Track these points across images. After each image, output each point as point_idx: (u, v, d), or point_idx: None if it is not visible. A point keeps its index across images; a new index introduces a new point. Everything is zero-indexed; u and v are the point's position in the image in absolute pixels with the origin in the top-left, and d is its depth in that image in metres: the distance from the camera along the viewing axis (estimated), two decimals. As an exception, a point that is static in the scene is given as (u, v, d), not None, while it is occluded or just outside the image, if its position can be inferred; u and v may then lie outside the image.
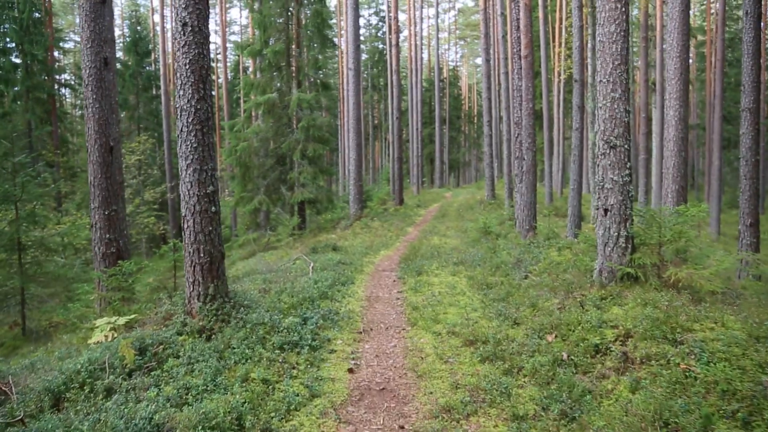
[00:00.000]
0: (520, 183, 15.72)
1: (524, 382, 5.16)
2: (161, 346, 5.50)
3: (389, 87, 40.12)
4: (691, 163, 50.20)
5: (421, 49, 46.55)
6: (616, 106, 7.09)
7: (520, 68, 15.21)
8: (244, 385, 4.84)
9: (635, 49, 37.68)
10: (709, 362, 4.71)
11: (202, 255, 6.22)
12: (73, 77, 40.90)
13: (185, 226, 6.24)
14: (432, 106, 55.24)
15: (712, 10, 40.09)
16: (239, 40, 55.78)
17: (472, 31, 75.38)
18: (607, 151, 7.14)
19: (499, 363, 5.52)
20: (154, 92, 37.56)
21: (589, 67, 20.00)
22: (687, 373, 4.68)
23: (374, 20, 58.72)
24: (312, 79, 26.45)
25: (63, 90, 40.49)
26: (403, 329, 7.04)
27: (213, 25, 64.58)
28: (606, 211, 7.21)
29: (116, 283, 7.45)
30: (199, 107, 6.10)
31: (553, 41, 36.77)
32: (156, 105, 36.35)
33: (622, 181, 7.12)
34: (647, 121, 28.30)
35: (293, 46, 23.51)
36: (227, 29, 52.49)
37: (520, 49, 14.93)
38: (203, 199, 6.17)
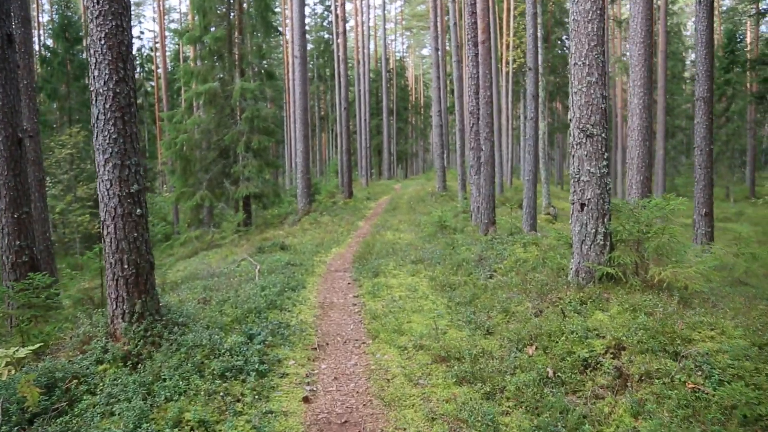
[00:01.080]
0: (476, 175, 15.15)
1: (509, 407, 4.45)
2: (75, 381, 4.54)
3: (336, 77, 39.10)
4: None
5: (368, 39, 45.67)
6: (592, 91, 6.47)
7: (475, 55, 14.59)
8: (176, 431, 3.95)
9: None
10: (720, 381, 4.12)
11: (126, 266, 5.25)
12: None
13: (105, 232, 5.26)
14: (379, 97, 54.44)
15: (656, 3, 40.72)
16: (179, 28, 53.54)
17: (419, 22, 74.92)
18: (583, 141, 6.53)
19: (478, 384, 4.79)
20: (86, 81, 35.36)
21: (540, 56, 19.64)
22: (696, 394, 4.07)
23: (320, 9, 57.35)
24: (256, 68, 25.28)
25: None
26: (364, 343, 6.24)
27: (151, 12, 61.94)
28: (582, 205, 6.61)
29: (25, 300, 6.37)
30: (118, 90, 5.11)
31: (502, 30, 36.52)
32: (89, 95, 34.17)
33: (600, 173, 6.52)
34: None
35: (236, 33, 22.27)
36: (166, 17, 50.24)
37: (474, 35, 14.30)
38: (126, 200, 5.20)
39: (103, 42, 5.01)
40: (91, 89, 5.13)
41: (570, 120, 6.70)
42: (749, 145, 41.20)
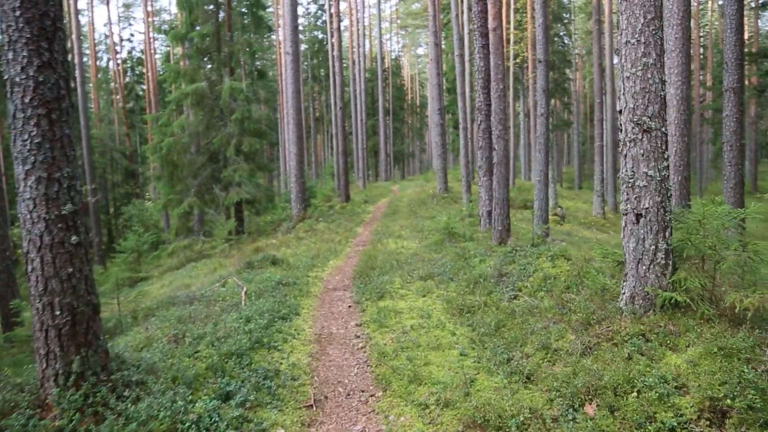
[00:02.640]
0: (485, 176, 13.88)
1: None
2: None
3: (331, 76, 37.86)
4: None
5: (363, 37, 44.40)
6: (649, 75, 5.22)
7: (483, 46, 13.32)
8: None
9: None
10: None
11: (58, 313, 3.98)
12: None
13: (29, 268, 3.97)
14: (375, 97, 53.15)
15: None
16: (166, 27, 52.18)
17: (414, 20, 73.65)
18: (639, 136, 5.27)
19: (531, 470, 3.53)
20: (72, 84, 34.11)
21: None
22: None
23: (313, 8, 56.04)
24: (247, 67, 24.02)
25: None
26: (372, 396, 4.97)
27: (141, 14, 60.56)
28: (638, 216, 5.35)
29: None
30: (42, 79, 3.84)
31: (503, 24, 35.28)
32: (74, 97, 32.91)
33: (660, 177, 5.27)
34: (601, 106, 27.17)
35: (225, 30, 20.98)
36: (156, 18, 48.87)
37: (482, 24, 13.03)
38: (56, 224, 3.93)
39: (18, 13, 3.73)
40: (5, 77, 3.85)
41: (619, 111, 5.45)
42: (750, 139, 40.37)
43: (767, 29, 47.77)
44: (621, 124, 5.43)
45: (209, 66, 21.98)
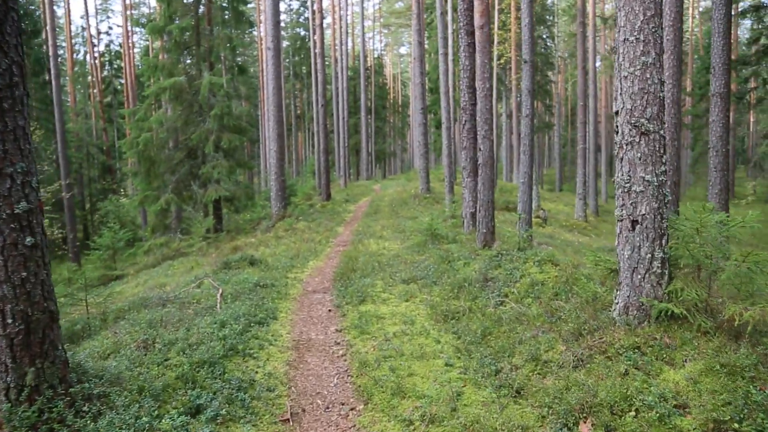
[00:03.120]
0: (469, 177, 13.65)
1: None
2: None
3: (313, 73, 37.43)
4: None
5: (346, 35, 44.04)
6: (648, 75, 4.99)
7: (469, 44, 13.09)
8: None
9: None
10: None
11: (10, 321, 3.62)
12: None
13: (-22, 272, 3.62)
14: (357, 96, 52.81)
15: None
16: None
17: (397, 19, 73.40)
18: (636, 139, 5.04)
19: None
20: (47, 77, 33.17)
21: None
22: None
23: (296, 5, 55.52)
24: (227, 63, 23.55)
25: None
26: (353, 409, 4.67)
27: (119, 6, 59.61)
28: (634, 223, 5.12)
29: None
30: (-9, 65, 3.48)
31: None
32: (48, 90, 32.01)
33: (657, 182, 5.05)
34: (584, 109, 27.15)
35: (204, 24, 20.52)
36: (135, 11, 47.94)
37: (468, 22, 12.79)
38: (7, 224, 3.57)
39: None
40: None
41: (616, 113, 5.22)
42: (729, 146, 40.75)
43: (747, 37, 48.35)
44: (617, 126, 5.20)
45: (188, 60, 21.51)
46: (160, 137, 19.88)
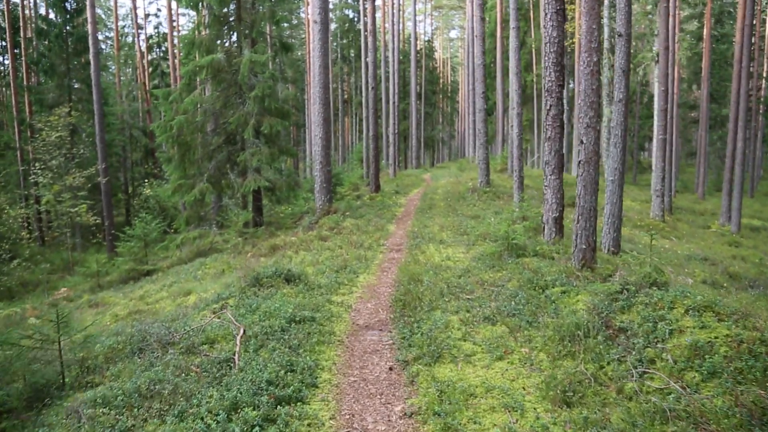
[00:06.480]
0: (552, 174, 11.32)
1: None
2: None
3: (363, 54, 35.33)
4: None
5: (397, 16, 41.65)
6: None
7: (557, 11, 10.68)
8: None
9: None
10: None
11: None
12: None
13: None
14: (407, 80, 50.43)
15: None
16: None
17: (449, 1, 70.40)
18: None
19: None
20: (88, 57, 31.98)
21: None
22: None
23: (343, -15, 53.31)
24: (270, 39, 21.59)
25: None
26: None
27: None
28: None
29: None
30: None
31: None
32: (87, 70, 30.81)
33: None
34: (665, 95, 24.17)
35: (246, -3, 18.56)
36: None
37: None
38: None
39: None
40: None
41: None
42: None
43: None
44: None
45: (233, 39, 19.59)
46: (196, 120, 18.04)
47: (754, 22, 32.72)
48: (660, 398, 4.32)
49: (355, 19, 52.12)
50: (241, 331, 5.87)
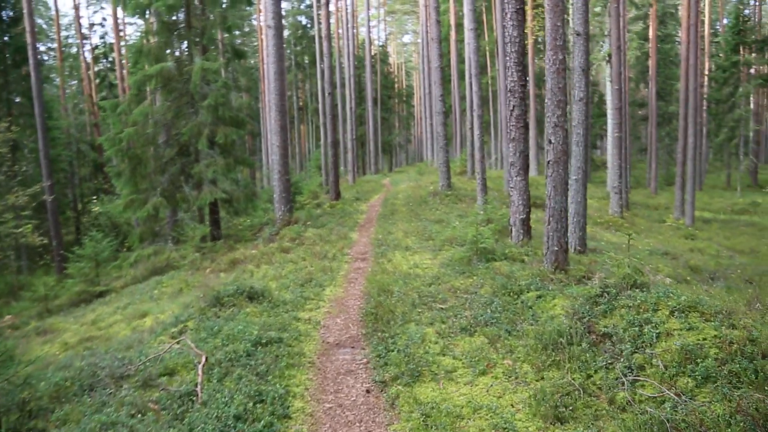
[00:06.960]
0: (518, 176, 11.17)
1: None
2: None
3: (318, 59, 34.86)
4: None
5: (350, 21, 41.36)
6: None
7: (517, 10, 10.56)
8: None
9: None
10: None
11: None
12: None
13: None
14: (362, 86, 50.16)
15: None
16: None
17: (402, 5, 70.54)
18: None
19: None
20: (27, 69, 30.63)
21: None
22: None
23: (296, -11, 52.80)
24: (221, 46, 20.98)
25: None
26: None
27: (110, -4, 56.94)
28: None
29: None
30: None
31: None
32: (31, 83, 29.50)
33: None
34: (619, 93, 24.54)
35: (195, 3, 17.93)
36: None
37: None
38: None
39: None
40: None
41: None
42: (751, 132, 38.91)
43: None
44: None
45: (183, 46, 18.90)
46: (147, 132, 17.29)
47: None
48: (655, 407, 4.08)
49: (309, 25, 51.67)
50: (203, 359, 5.40)
